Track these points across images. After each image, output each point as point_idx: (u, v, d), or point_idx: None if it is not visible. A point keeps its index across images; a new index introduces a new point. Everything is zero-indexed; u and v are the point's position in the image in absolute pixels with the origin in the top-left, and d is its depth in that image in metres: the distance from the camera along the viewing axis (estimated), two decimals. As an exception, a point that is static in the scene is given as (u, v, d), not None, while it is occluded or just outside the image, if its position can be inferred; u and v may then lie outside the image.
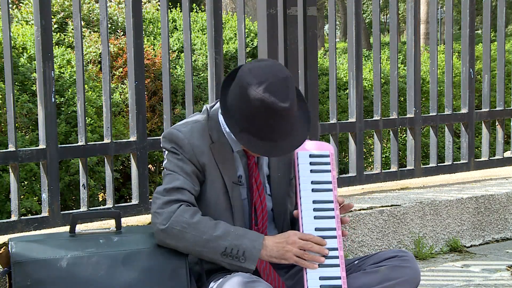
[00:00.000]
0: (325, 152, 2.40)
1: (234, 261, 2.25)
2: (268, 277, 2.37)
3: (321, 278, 2.25)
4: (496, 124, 4.96)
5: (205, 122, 2.41)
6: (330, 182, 2.36)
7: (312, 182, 2.35)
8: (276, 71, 2.26)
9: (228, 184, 2.38)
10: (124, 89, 5.63)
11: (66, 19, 6.26)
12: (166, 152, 2.40)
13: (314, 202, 2.33)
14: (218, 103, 2.42)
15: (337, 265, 2.26)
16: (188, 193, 2.32)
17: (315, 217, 2.31)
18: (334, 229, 2.30)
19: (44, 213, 3.35)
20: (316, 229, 2.29)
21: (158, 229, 2.28)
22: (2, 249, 2.24)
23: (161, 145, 2.42)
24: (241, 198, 2.41)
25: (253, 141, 2.27)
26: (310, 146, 2.41)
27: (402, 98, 6.80)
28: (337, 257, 2.27)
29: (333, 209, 2.32)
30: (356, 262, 2.41)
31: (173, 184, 2.32)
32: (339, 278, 2.25)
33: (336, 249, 2.28)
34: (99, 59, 5.69)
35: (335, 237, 2.29)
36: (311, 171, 2.37)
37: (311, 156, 2.39)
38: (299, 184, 2.34)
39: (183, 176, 2.33)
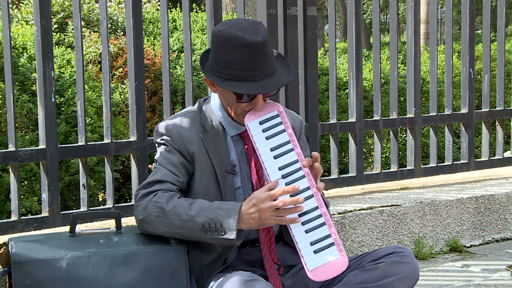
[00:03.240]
0: (273, 112, 2.35)
1: (215, 235, 2.26)
2: (271, 277, 2.38)
3: (312, 244, 2.22)
4: (496, 124, 4.96)
5: (197, 113, 2.44)
6: (288, 142, 2.31)
7: (271, 149, 2.30)
8: (245, 19, 2.36)
9: (219, 173, 2.39)
10: (124, 89, 5.63)
11: (66, 19, 6.26)
12: (157, 145, 2.45)
13: (280, 169, 2.28)
14: (211, 95, 2.46)
15: (323, 224, 2.23)
16: (169, 184, 2.35)
17: (286, 184, 2.26)
18: (308, 188, 2.26)
19: (44, 213, 3.35)
20: (291, 196, 2.24)
21: (137, 220, 2.33)
22: (2, 249, 2.25)
23: (154, 140, 2.46)
24: (234, 187, 2.41)
25: (236, 84, 2.28)
26: (258, 113, 2.34)
27: (402, 98, 6.80)
28: (320, 216, 2.24)
29: (300, 168, 2.27)
30: (354, 260, 2.41)
31: (154, 177, 2.37)
32: (329, 236, 2.22)
33: (317, 207, 2.24)
34: (99, 59, 5.69)
35: (312, 196, 2.25)
36: (266, 138, 2.32)
37: (261, 122, 2.33)
38: (260, 155, 2.30)
39: (167, 168, 2.37)
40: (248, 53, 2.26)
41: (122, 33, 6.19)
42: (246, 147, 2.43)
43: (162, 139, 2.41)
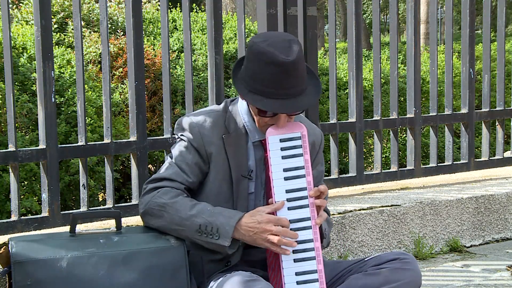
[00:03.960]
0: (296, 134, 2.32)
1: (209, 238, 2.27)
2: (272, 273, 2.38)
3: (297, 274, 2.22)
4: (496, 124, 4.96)
5: (221, 113, 2.44)
6: (302, 168, 2.29)
7: (284, 170, 2.29)
8: (282, 34, 2.34)
9: (234, 176, 2.39)
10: (124, 89, 5.63)
11: (66, 19, 6.26)
12: (176, 139, 2.45)
13: (287, 191, 2.28)
14: (239, 97, 2.45)
15: (313, 258, 2.22)
16: (177, 183, 2.36)
17: (289, 208, 2.26)
18: (309, 218, 2.26)
19: (44, 213, 3.34)
20: (291, 221, 2.24)
21: (140, 212, 2.37)
22: (2, 249, 2.24)
23: (174, 132, 2.47)
24: (248, 191, 2.41)
25: (260, 99, 2.27)
26: (281, 130, 2.33)
27: (402, 98, 6.80)
28: (312, 249, 2.23)
29: (306, 197, 2.27)
30: (357, 263, 2.41)
31: (165, 174, 2.38)
32: (315, 271, 2.21)
33: (311, 240, 2.24)
34: (99, 59, 5.69)
35: (310, 227, 2.25)
36: (283, 157, 2.30)
37: (281, 140, 2.31)
38: (271, 172, 2.29)
39: (180, 167, 2.37)
40: (275, 72, 2.24)
41: (122, 33, 6.19)
42: (266, 154, 2.41)
43: (182, 135, 2.41)
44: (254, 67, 2.27)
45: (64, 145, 3.46)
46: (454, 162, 4.70)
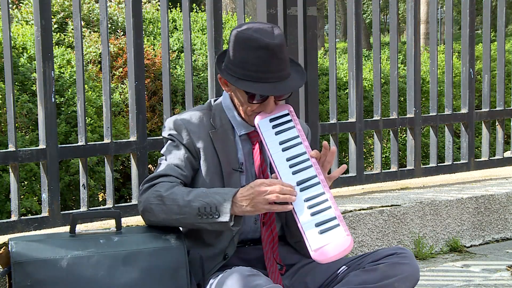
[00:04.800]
0: (284, 111, 2.41)
1: (210, 218, 2.27)
2: (272, 275, 2.38)
3: (317, 225, 2.21)
4: (496, 124, 4.96)
5: (206, 111, 2.49)
6: (297, 136, 2.36)
7: (280, 143, 2.35)
8: (261, 22, 2.40)
9: (225, 170, 2.42)
10: (124, 89, 5.63)
11: (66, 19, 6.26)
12: (165, 140, 2.48)
13: (287, 159, 2.32)
14: (222, 95, 2.50)
15: (329, 207, 2.23)
16: (172, 177, 2.38)
17: (293, 173, 2.30)
18: (315, 176, 2.29)
19: (44, 213, 3.35)
20: (298, 183, 2.27)
21: (140, 211, 2.37)
22: (2, 249, 2.24)
23: (162, 135, 2.49)
24: (240, 185, 2.42)
25: (250, 85, 2.33)
26: (268, 115, 2.39)
27: (402, 98, 6.80)
28: (326, 200, 2.25)
29: (308, 159, 2.31)
30: (355, 260, 2.42)
31: (159, 171, 2.40)
32: (334, 218, 2.21)
33: (323, 193, 2.26)
34: (99, 59, 5.69)
35: (318, 183, 2.27)
36: (276, 133, 2.37)
37: (271, 120, 2.39)
38: (269, 149, 2.34)
39: (173, 163, 2.40)
40: (263, 55, 2.30)
41: (122, 33, 6.19)
42: (253, 147, 2.46)
43: (170, 134, 2.45)
44: (240, 54, 2.33)
45: (64, 145, 3.46)
46: (454, 162, 4.70)
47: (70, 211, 3.54)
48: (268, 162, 2.46)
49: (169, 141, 2.46)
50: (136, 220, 3.46)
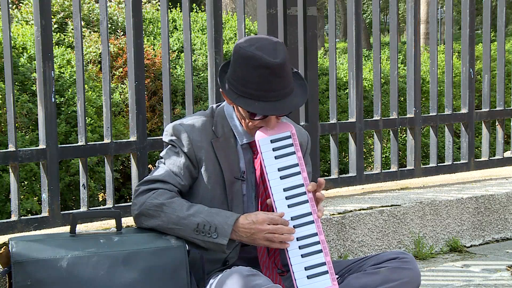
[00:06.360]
0: (286, 133, 2.37)
1: (207, 237, 2.28)
2: (266, 271, 2.38)
3: (306, 268, 2.24)
4: (496, 124, 4.96)
5: (209, 118, 2.46)
6: (297, 165, 2.33)
7: (279, 169, 2.33)
8: (268, 37, 2.36)
9: (227, 179, 2.41)
10: (124, 89, 5.63)
11: (66, 19, 6.26)
12: (165, 145, 2.46)
13: (284, 190, 2.31)
14: (225, 102, 2.48)
15: (320, 251, 2.26)
16: (170, 185, 2.38)
17: (289, 206, 2.30)
18: (310, 213, 2.29)
19: (44, 213, 3.34)
20: (292, 218, 2.28)
21: (134, 214, 2.36)
22: (2, 249, 2.24)
23: (163, 139, 2.48)
24: (242, 193, 2.42)
25: (251, 103, 2.30)
26: (270, 131, 2.37)
27: (402, 98, 6.80)
28: (318, 243, 2.26)
29: (305, 193, 2.31)
30: (356, 263, 2.42)
31: (157, 176, 2.39)
32: (324, 264, 2.24)
33: (315, 234, 2.27)
34: (99, 59, 5.69)
35: (312, 222, 2.28)
36: (275, 157, 2.34)
37: (272, 141, 2.36)
38: (267, 174, 2.32)
39: (172, 170, 2.39)
40: (264, 74, 2.27)
41: (122, 33, 6.19)
42: (254, 156, 2.44)
43: (171, 140, 2.43)
44: (242, 71, 2.30)
45: (64, 145, 3.46)
46: (454, 162, 4.70)
47: (70, 211, 3.54)
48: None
49: (170, 146, 2.44)
50: (136, 220, 3.46)
